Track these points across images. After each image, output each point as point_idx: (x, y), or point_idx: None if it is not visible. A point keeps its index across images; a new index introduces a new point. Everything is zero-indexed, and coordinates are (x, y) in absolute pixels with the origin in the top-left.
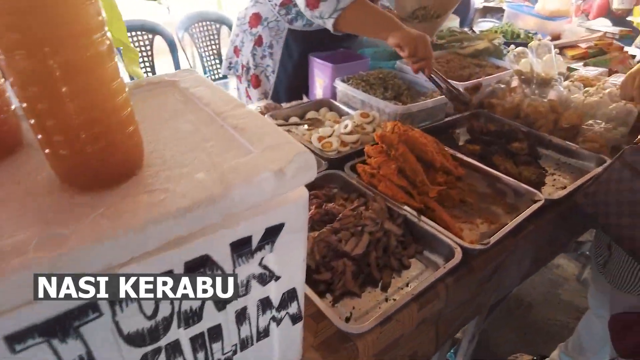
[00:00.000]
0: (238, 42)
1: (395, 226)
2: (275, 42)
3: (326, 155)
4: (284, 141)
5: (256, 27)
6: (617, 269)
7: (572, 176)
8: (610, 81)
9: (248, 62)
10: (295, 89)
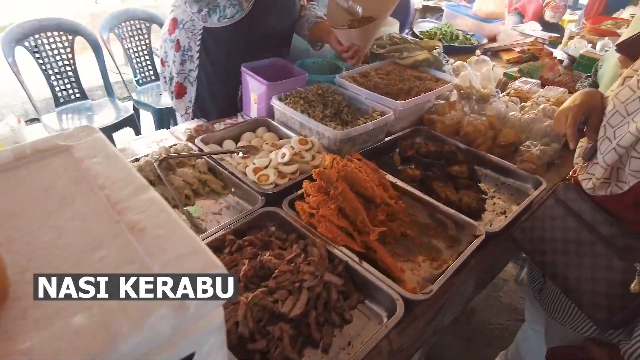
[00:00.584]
0: (162, 54)
1: (336, 276)
2: (192, 43)
3: (263, 189)
4: (191, 250)
5: (174, 32)
6: (551, 299)
7: (511, 198)
8: (543, 95)
9: (171, 71)
10: (224, 98)
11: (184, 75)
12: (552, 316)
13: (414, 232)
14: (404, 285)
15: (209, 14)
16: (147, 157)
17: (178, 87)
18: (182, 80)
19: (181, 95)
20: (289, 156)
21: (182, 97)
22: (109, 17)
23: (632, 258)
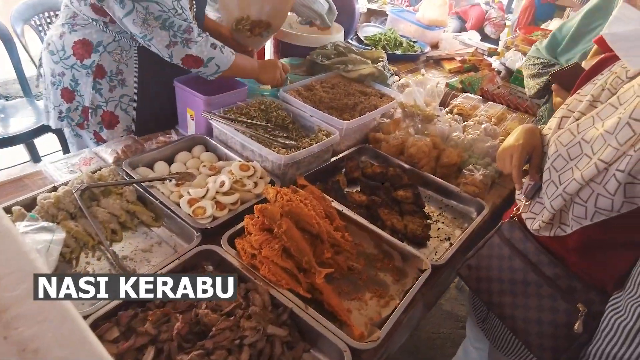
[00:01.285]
0: (67, 83)
1: (280, 328)
2: (123, 66)
3: (199, 224)
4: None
5: (89, 57)
6: (495, 330)
7: (455, 222)
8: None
9: (92, 101)
10: (169, 119)
11: (114, 102)
12: (496, 346)
13: (361, 264)
14: (351, 331)
15: None
16: (67, 185)
17: (109, 117)
18: (113, 108)
19: (113, 125)
20: (228, 184)
21: (114, 127)
22: (22, 7)
23: (574, 299)
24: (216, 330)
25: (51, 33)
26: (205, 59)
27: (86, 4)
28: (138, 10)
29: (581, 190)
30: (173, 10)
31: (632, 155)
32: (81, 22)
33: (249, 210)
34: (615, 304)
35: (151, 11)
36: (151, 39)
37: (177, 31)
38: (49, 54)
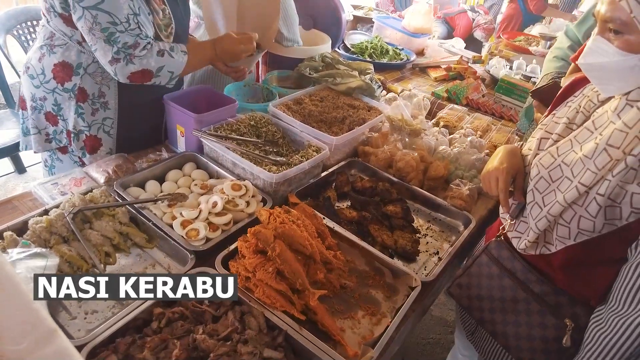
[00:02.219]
0: (49, 107)
1: (276, 351)
2: (105, 88)
3: (193, 246)
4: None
5: (69, 80)
6: (485, 343)
7: (442, 235)
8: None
9: (75, 126)
10: (151, 134)
11: (97, 126)
12: (485, 358)
13: (353, 281)
14: (345, 351)
15: None
16: (59, 208)
17: (92, 141)
18: (96, 132)
19: (96, 148)
20: (221, 205)
21: (97, 151)
22: (4, 18)
23: (562, 314)
24: (214, 356)
25: (30, 56)
26: (155, 70)
27: (56, 15)
28: (86, 17)
29: (564, 212)
30: (125, 24)
31: (611, 180)
32: (59, 43)
33: (242, 231)
34: (597, 317)
35: (99, 21)
36: (95, 50)
37: (122, 48)
38: (29, 77)
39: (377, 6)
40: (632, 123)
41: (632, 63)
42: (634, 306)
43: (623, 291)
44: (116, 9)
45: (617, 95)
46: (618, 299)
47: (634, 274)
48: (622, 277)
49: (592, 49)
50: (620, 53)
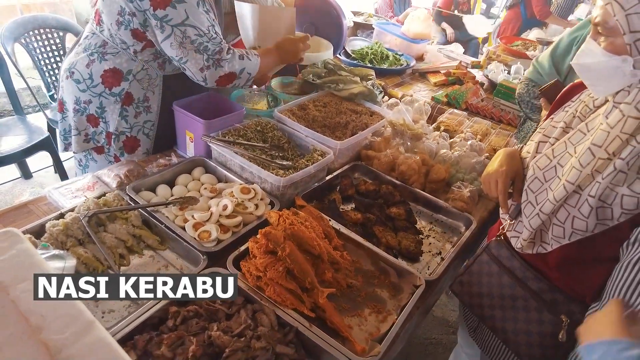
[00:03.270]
0: (93, 110)
1: (287, 347)
2: (150, 93)
3: (205, 248)
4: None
5: (118, 85)
6: (486, 339)
7: (445, 236)
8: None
9: (117, 127)
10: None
11: (138, 128)
12: (487, 354)
13: (359, 281)
14: (353, 347)
15: (169, 61)
16: (74, 211)
17: (131, 142)
18: (136, 133)
19: (134, 149)
20: (231, 208)
21: (135, 151)
22: (12, 26)
23: (558, 311)
24: (229, 352)
25: (72, 61)
26: (238, 72)
27: (126, 29)
28: (176, 34)
29: (558, 213)
30: (209, 34)
31: (601, 182)
32: (111, 51)
33: (252, 232)
34: (592, 314)
35: (188, 35)
36: (186, 61)
37: (210, 55)
38: (74, 82)
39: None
40: (614, 123)
41: (616, 64)
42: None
43: (615, 289)
44: (200, 23)
45: (609, 99)
46: (611, 297)
47: (624, 272)
48: (614, 276)
49: (584, 50)
50: (606, 54)
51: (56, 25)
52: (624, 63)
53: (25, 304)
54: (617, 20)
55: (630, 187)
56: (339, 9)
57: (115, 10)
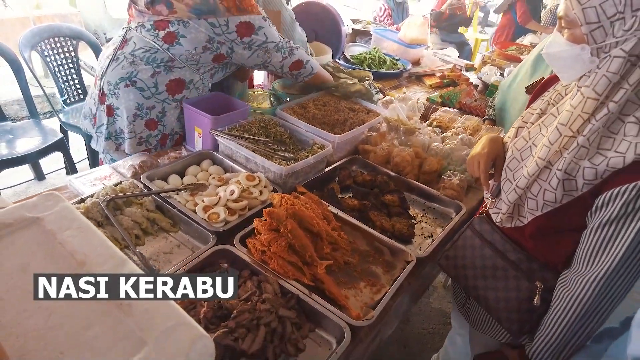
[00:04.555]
0: (154, 115)
1: (289, 310)
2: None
3: (214, 227)
4: (179, 322)
5: (180, 92)
6: (473, 312)
7: (436, 222)
8: (460, 125)
9: (173, 128)
10: None
11: None
12: (474, 326)
13: (355, 259)
14: (349, 312)
15: (217, 72)
16: (93, 197)
17: (180, 139)
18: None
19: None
20: (237, 193)
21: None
22: (29, 35)
23: (534, 278)
24: (237, 313)
25: (129, 71)
26: (305, 61)
27: (212, 53)
28: (259, 54)
29: (532, 187)
30: (281, 41)
31: (566, 157)
32: (179, 65)
33: (256, 215)
34: (563, 279)
35: (269, 48)
36: (269, 61)
37: (286, 49)
38: (137, 90)
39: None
40: (576, 104)
41: (577, 52)
42: (590, 265)
43: (582, 254)
44: (275, 38)
45: (575, 84)
46: (579, 262)
47: (589, 238)
48: (581, 242)
49: (551, 41)
50: (568, 44)
51: (70, 34)
52: (583, 51)
53: (70, 245)
54: (575, 13)
55: (590, 160)
56: (338, 16)
57: (203, 38)
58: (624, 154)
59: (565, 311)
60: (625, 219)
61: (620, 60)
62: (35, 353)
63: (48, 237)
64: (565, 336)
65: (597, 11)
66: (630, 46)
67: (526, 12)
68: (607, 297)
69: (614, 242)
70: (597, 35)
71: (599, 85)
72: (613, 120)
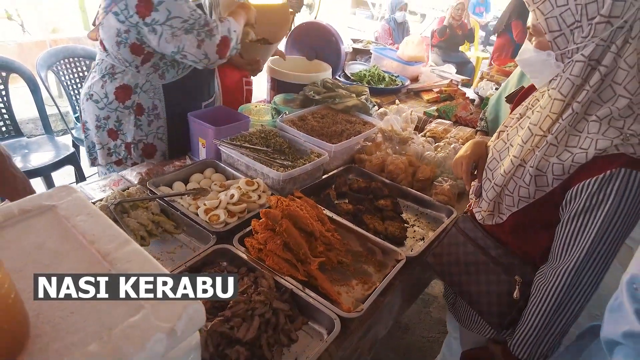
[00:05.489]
0: (112, 124)
1: (283, 303)
2: (157, 101)
3: (214, 228)
4: None
5: (129, 98)
6: (461, 311)
7: (429, 226)
8: (454, 135)
9: (134, 136)
10: (186, 142)
11: (153, 134)
12: (462, 324)
13: (349, 259)
14: (341, 307)
15: (167, 70)
16: (102, 201)
17: (149, 148)
18: (152, 140)
19: (152, 154)
20: (237, 197)
21: (153, 156)
22: (46, 55)
23: (513, 273)
24: (233, 303)
25: (89, 84)
26: (228, 33)
27: (125, 46)
28: (165, 30)
29: (509, 184)
30: (192, 17)
31: (537, 154)
32: (119, 70)
33: (255, 217)
34: (540, 272)
35: (175, 25)
36: (183, 47)
37: (199, 29)
38: (94, 102)
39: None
40: (545, 105)
41: (544, 57)
42: (563, 257)
43: (556, 247)
44: (182, 13)
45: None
46: (554, 255)
47: (561, 231)
48: (555, 236)
49: (522, 49)
50: (536, 50)
51: (84, 55)
52: (549, 57)
53: (81, 227)
54: (540, 22)
55: (558, 157)
56: (337, 36)
57: (113, 33)
58: (587, 150)
59: (540, 303)
60: (590, 211)
61: (581, 64)
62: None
63: (61, 221)
64: (542, 328)
65: (558, 20)
66: (590, 51)
67: (523, 30)
68: (579, 287)
69: (582, 234)
70: (559, 42)
71: (564, 87)
72: (579, 120)
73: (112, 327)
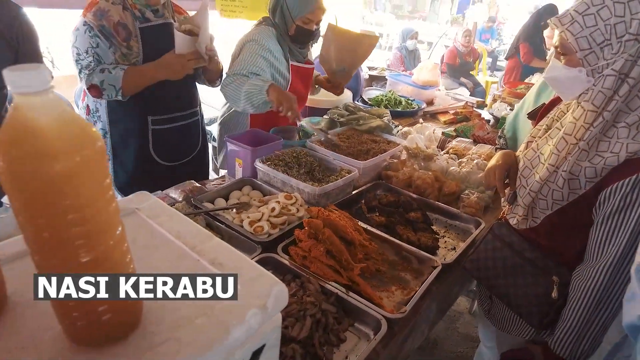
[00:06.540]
0: (92, 105)
1: (331, 305)
2: (98, 105)
3: (259, 239)
4: (259, 273)
5: (84, 100)
6: (498, 315)
7: (458, 237)
8: (475, 152)
9: None
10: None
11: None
12: (500, 328)
13: (385, 267)
14: (384, 309)
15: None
16: None
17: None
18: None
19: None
20: (278, 210)
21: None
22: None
23: (550, 274)
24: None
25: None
26: (99, 84)
27: None
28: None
29: (542, 189)
30: (85, 54)
31: (570, 160)
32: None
33: (296, 227)
34: (577, 272)
35: (75, 53)
36: None
37: (82, 69)
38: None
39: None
40: (578, 116)
41: (575, 74)
42: (599, 256)
43: (591, 247)
44: (81, 45)
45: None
46: (590, 254)
47: (596, 231)
48: (590, 236)
49: (550, 67)
50: (565, 68)
51: None
52: (580, 73)
53: (165, 226)
54: (570, 43)
55: (590, 161)
56: None
57: None
58: (618, 153)
59: (580, 301)
60: (625, 210)
61: (612, 77)
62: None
63: (146, 221)
64: (583, 325)
65: (588, 39)
66: (620, 66)
67: (529, 52)
68: (617, 284)
69: (618, 232)
70: (590, 59)
71: (597, 99)
72: (608, 127)
73: (214, 305)
